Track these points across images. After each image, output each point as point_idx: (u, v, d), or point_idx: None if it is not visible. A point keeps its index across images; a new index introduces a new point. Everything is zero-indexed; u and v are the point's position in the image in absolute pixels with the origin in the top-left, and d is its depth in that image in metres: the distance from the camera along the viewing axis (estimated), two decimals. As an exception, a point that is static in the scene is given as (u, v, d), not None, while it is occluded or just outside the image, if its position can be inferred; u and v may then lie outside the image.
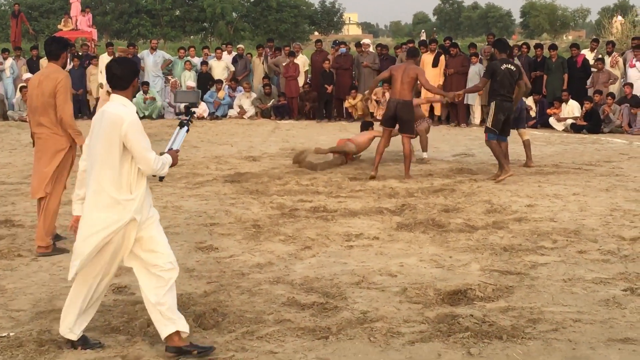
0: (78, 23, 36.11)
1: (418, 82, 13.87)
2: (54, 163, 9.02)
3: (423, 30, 71.36)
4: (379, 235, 9.68)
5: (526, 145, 15.23)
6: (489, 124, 13.59)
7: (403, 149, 13.94)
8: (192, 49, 27.36)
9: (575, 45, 24.13)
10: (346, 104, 24.51)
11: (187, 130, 6.51)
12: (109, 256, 5.82)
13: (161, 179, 6.16)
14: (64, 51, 9.25)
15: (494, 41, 14.79)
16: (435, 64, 23.12)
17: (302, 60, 25.77)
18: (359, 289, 7.54)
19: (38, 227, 9.09)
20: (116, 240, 5.77)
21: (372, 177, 13.48)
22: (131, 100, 6.06)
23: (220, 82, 25.54)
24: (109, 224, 5.71)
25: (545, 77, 22.83)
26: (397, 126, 14.00)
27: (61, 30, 36.96)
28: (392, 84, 14.09)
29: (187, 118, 6.65)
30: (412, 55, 14.37)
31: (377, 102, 23.16)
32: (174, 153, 6.12)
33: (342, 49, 25.51)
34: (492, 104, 13.56)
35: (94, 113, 23.56)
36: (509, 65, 13.42)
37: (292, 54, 25.56)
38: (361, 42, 26.33)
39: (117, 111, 5.77)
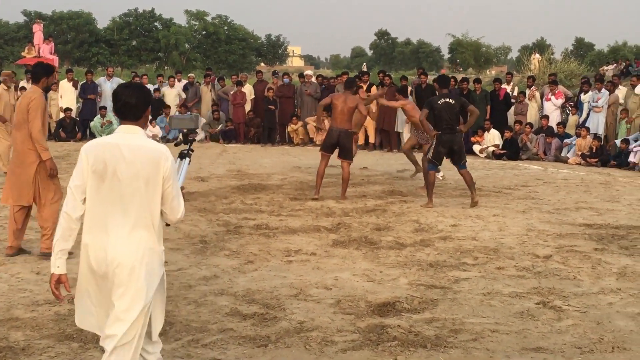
0: (41, 51, 35.95)
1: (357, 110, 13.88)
2: (29, 173, 9.07)
3: (364, 63, 71.85)
4: (316, 251, 9.69)
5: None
6: (429, 155, 13.25)
7: (342, 173, 13.92)
8: (145, 77, 27.36)
9: (498, 80, 24.64)
10: (288, 129, 24.63)
11: (189, 162, 5.58)
12: None
13: (167, 224, 4.93)
14: (45, 76, 9.19)
15: (437, 77, 14.42)
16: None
17: (249, 89, 25.81)
18: (297, 301, 7.53)
19: (13, 231, 9.26)
20: None
21: (315, 199, 13.46)
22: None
23: (168, 107, 25.57)
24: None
25: (469, 108, 23.12)
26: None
27: (25, 57, 36.72)
28: (333, 113, 14.01)
29: (188, 147, 5.79)
30: (349, 86, 14.29)
31: (317, 128, 23.22)
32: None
33: (286, 79, 25.66)
34: (435, 138, 13.16)
35: (55, 135, 23.64)
36: (448, 99, 13.06)
37: (240, 83, 25.64)
38: (304, 73, 26.42)
39: (154, 146, 4.63)
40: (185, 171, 5.43)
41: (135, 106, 4.68)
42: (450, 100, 13.07)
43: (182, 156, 5.52)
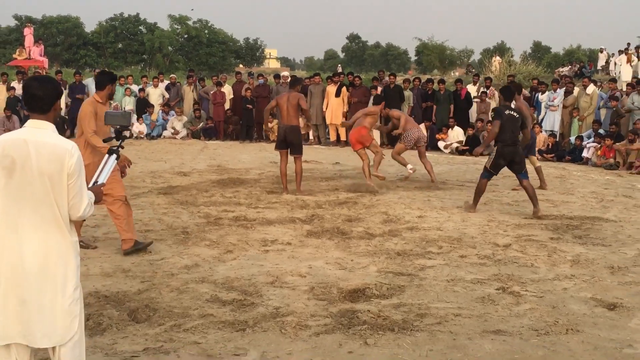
0: (31, 53, 35.61)
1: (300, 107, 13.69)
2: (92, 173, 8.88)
3: (339, 65, 71.67)
4: (291, 241, 9.67)
5: (538, 171, 15.02)
6: (488, 164, 12.07)
7: (295, 168, 13.82)
8: (130, 78, 27.27)
9: (459, 81, 24.69)
10: (265, 128, 24.56)
11: (117, 158, 5.20)
12: None
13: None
14: (110, 83, 8.98)
15: (502, 88, 12.90)
16: (337, 94, 23.39)
17: (228, 89, 25.73)
18: (273, 288, 7.52)
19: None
20: None
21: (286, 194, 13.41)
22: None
23: (152, 106, 25.54)
24: None
25: (434, 107, 23.17)
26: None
27: (16, 59, 36.39)
28: (280, 112, 13.87)
29: (118, 144, 5.40)
30: (294, 85, 14.09)
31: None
32: (98, 189, 4.66)
33: (261, 80, 25.72)
34: (495, 148, 11.96)
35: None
36: (512, 112, 11.97)
37: (219, 84, 25.53)
38: (281, 74, 26.38)
39: (60, 142, 4.33)
40: (111, 167, 4.99)
41: (42, 99, 4.37)
42: (514, 114, 11.98)
43: (110, 152, 5.13)
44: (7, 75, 26.97)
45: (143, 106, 25.34)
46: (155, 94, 26.20)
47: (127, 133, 5.80)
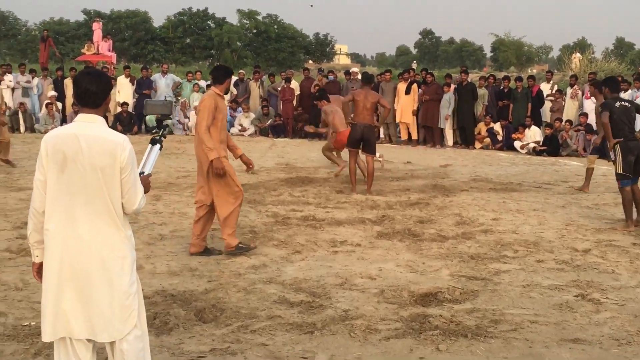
0: (100, 48, 36.01)
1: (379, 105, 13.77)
2: (204, 172, 8.94)
3: (414, 61, 71.38)
4: (361, 243, 9.68)
5: (589, 172, 14.44)
6: (618, 169, 10.98)
7: (367, 167, 13.80)
8: (198, 73, 27.47)
9: (531, 77, 24.33)
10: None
11: (161, 148, 5.16)
12: None
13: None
14: (228, 77, 9.08)
15: (605, 79, 12.13)
16: (407, 91, 23.26)
17: (295, 86, 25.77)
18: (342, 290, 7.54)
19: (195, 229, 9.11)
20: None
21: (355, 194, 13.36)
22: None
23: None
24: None
25: (511, 105, 22.91)
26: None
27: (84, 54, 36.91)
28: (355, 109, 13.68)
29: (160, 134, 5.32)
30: (367, 81, 14.07)
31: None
32: (145, 180, 4.75)
33: (331, 77, 25.58)
34: (616, 147, 10.94)
35: (112, 129, 23.34)
36: (623, 102, 11.17)
37: (288, 80, 25.62)
38: (350, 71, 26.34)
39: (111, 136, 4.46)
40: (155, 157, 5.00)
41: (96, 93, 4.49)
42: (626, 104, 11.17)
43: (153, 142, 5.10)
44: (76, 70, 27.52)
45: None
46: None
47: (168, 123, 5.60)
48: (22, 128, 24.61)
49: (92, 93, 4.48)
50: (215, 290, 7.46)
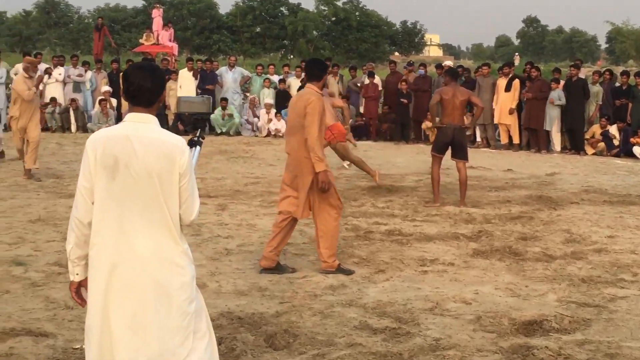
0: (160, 37, 36.31)
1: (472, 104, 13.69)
2: (305, 184, 8.97)
3: (517, 54, 70.61)
4: (454, 261, 9.64)
5: None
6: None
7: (459, 175, 13.67)
8: (271, 67, 27.61)
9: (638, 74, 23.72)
10: (423, 126, 24.41)
11: (199, 150, 5.09)
12: None
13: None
14: (324, 73, 9.14)
15: None
16: (507, 88, 23.00)
17: (380, 81, 25.70)
18: (432, 315, 7.52)
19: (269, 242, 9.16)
20: None
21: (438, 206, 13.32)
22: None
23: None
24: None
25: (630, 105, 22.48)
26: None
27: (143, 44, 37.33)
28: (443, 109, 13.53)
29: (197, 135, 5.25)
30: (454, 77, 13.98)
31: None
32: None
33: (421, 71, 25.27)
34: None
35: (173, 128, 23.81)
36: None
37: (372, 74, 25.51)
38: (443, 64, 26.18)
39: (169, 138, 4.46)
40: (195, 160, 4.88)
41: (150, 90, 4.46)
42: None
43: (191, 144, 4.96)
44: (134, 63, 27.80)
45: (284, 100, 25.51)
46: (298, 86, 26.48)
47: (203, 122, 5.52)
48: (73, 127, 25.18)
49: (146, 90, 4.46)
50: (287, 313, 7.50)
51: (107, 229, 4.35)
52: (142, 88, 4.44)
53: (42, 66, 23.29)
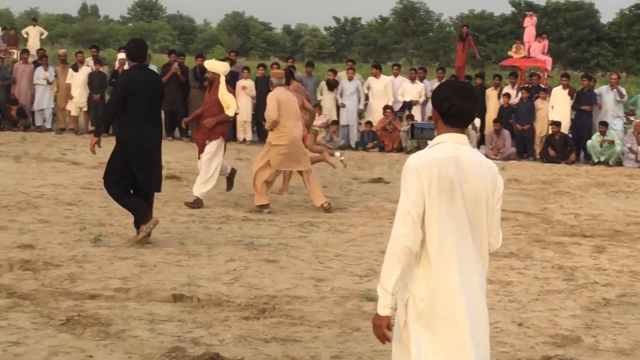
0: (531, 50, 34.75)
1: None
2: None
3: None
4: None
5: None
6: None
7: None
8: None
9: None
10: None
11: None
12: None
13: None
14: None
15: None
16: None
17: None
18: None
19: None
20: None
21: None
22: None
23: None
24: None
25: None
26: None
27: (511, 57, 36.00)
28: None
29: None
30: None
31: None
32: None
33: None
34: None
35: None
36: None
37: None
38: None
39: (488, 161, 4.56)
40: None
41: (472, 111, 4.52)
42: None
43: None
44: (500, 78, 27.42)
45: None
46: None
47: None
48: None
49: (469, 111, 4.52)
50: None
51: (447, 259, 4.37)
52: (465, 109, 4.49)
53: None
